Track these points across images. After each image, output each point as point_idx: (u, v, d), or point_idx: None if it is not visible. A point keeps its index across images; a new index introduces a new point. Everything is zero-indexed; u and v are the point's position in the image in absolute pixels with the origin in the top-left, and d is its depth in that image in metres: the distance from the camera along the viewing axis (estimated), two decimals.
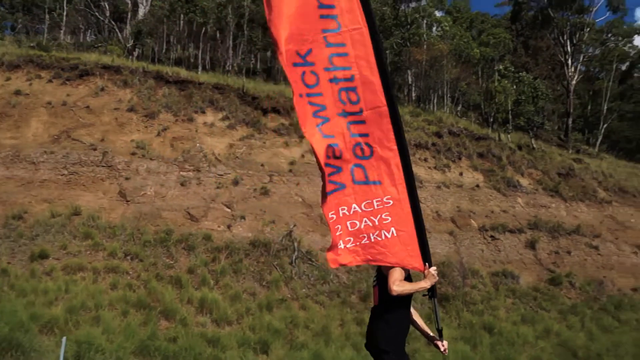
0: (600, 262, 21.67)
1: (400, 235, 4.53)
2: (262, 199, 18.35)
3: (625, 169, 30.86)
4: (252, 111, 21.99)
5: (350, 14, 4.42)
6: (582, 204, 24.63)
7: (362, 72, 4.44)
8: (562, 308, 18.08)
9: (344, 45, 4.42)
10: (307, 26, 4.38)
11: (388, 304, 4.48)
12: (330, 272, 16.04)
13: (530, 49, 39.63)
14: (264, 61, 36.36)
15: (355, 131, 4.49)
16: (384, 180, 4.55)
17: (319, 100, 4.45)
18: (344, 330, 13.72)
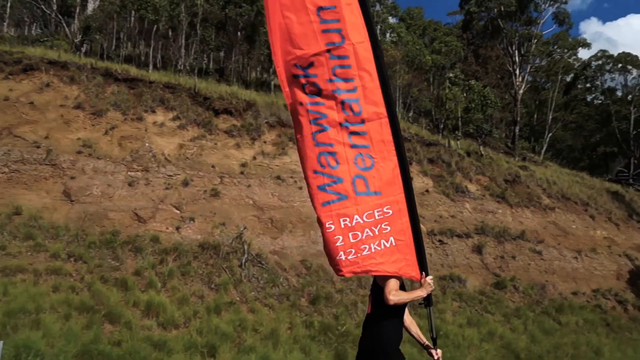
0: (543, 267, 22.32)
1: (398, 244, 4.65)
2: (212, 201, 18.13)
3: (568, 177, 31.92)
4: (203, 112, 21.72)
5: (354, 28, 4.53)
6: (527, 210, 25.33)
7: (364, 84, 4.55)
8: (506, 311, 18.52)
9: (347, 57, 4.52)
10: (309, 40, 4.50)
11: (382, 312, 4.60)
12: (280, 276, 15.98)
13: (480, 58, 40.57)
14: (216, 61, 36.03)
15: (357, 142, 4.57)
16: (384, 190, 4.62)
17: (320, 108, 4.54)
18: (292, 333, 13.67)
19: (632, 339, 20.14)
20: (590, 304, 21.45)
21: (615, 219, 28.52)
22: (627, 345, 19.34)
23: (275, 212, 18.69)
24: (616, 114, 45.18)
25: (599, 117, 48.44)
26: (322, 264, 17.20)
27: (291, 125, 22.35)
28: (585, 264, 23.77)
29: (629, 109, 44.63)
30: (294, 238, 18.12)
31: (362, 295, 16.59)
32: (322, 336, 13.76)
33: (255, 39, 31.90)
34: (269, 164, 20.56)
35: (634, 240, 27.76)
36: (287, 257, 17.16)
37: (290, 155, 21.25)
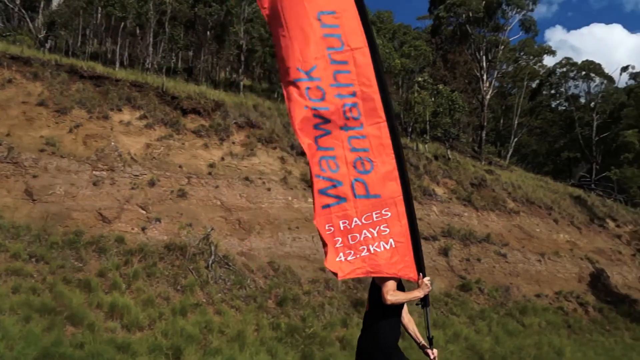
0: (507, 270, 22.67)
1: (397, 246, 4.72)
2: (179, 201, 17.91)
3: (532, 181, 32.51)
4: (171, 111, 21.46)
5: (353, 34, 4.63)
6: (492, 214, 25.70)
7: (363, 90, 4.64)
8: (472, 313, 18.74)
9: (346, 63, 4.62)
10: (311, 45, 4.56)
11: (380, 311, 4.69)
12: (247, 277, 15.87)
13: (449, 63, 41.02)
14: (185, 60, 35.70)
15: (356, 146, 4.66)
16: (383, 193, 4.71)
17: (324, 113, 4.59)
18: (259, 335, 13.58)
19: (592, 340, 20.59)
20: (552, 306, 21.86)
21: (578, 223, 29.15)
22: (588, 346, 19.76)
23: (243, 214, 18.57)
24: (579, 120, 46.21)
25: (563, 123, 49.49)
26: (289, 266, 17.16)
27: (260, 126, 22.27)
28: (548, 266, 24.22)
29: (591, 116, 45.71)
30: (262, 239, 18.03)
31: (329, 297, 16.60)
32: (289, 338, 13.70)
33: (225, 38, 31.69)
34: (238, 164, 20.42)
35: (595, 243, 28.41)
36: (255, 258, 17.06)
37: (259, 156, 21.16)
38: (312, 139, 4.60)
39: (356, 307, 16.57)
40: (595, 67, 45.26)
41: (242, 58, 30.83)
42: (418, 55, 37.11)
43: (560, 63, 46.31)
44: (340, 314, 15.94)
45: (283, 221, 18.95)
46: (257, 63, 35.87)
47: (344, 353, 14.06)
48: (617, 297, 25.09)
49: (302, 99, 4.55)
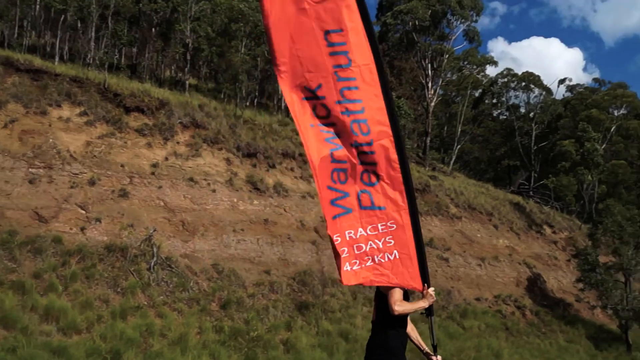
0: (449, 273, 23.10)
1: (402, 257, 4.81)
2: (120, 201, 17.39)
3: (474, 188, 33.29)
4: (113, 108, 20.82)
5: (359, 51, 4.71)
6: (435, 219, 26.15)
7: (371, 105, 4.73)
8: (414, 316, 18.85)
9: (354, 79, 4.70)
10: (317, 63, 4.64)
11: (386, 320, 4.83)
12: (190, 279, 15.55)
13: (395, 69, 41.54)
14: (129, 57, 34.78)
15: (365, 160, 4.76)
16: (388, 205, 4.81)
17: (332, 129, 4.73)
18: (202, 338, 13.32)
19: (529, 342, 21.24)
20: (491, 310, 22.42)
21: (517, 229, 30.03)
22: (525, 348, 20.37)
23: (187, 215, 18.21)
24: (519, 129, 47.66)
25: (504, 131, 50.95)
26: (234, 268, 16.93)
27: (205, 127, 21.88)
28: (488, 271, 24.82)
29: (530, 126, 47.21)
30: (206, 241, 17.72)
31: (273, 300, 16.47)
32: (232, 341, 13.51)
33: (171, 36, 31.05)
34: (182, 165, 20.02)
35: (533, 249, 29.35)
36: (198, 260, 16.74)
37: (204, 157, 20.81)
38: (328, 152, 4.72)
39: (301, 310, 16.51)
40: (535, 78, 46.81)
41: (188, 57, 30.26)
42: None
43: (502, 73, 47.64)
44: (285, 317, 15.84)
45: (228, 223, 18.69)
46: (204, 62, 35.26)
47: (288, 356, 13.97)
48: (553, 301, 25.98)
49: (309, 117, 4.69)
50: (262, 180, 21.28)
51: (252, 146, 22.66)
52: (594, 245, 27.37)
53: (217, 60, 32.34)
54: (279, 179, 22.17)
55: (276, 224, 20.02)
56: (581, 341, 23.11)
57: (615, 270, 25.77)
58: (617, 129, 46.22)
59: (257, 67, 31.37)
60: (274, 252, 18.84)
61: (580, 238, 32.49)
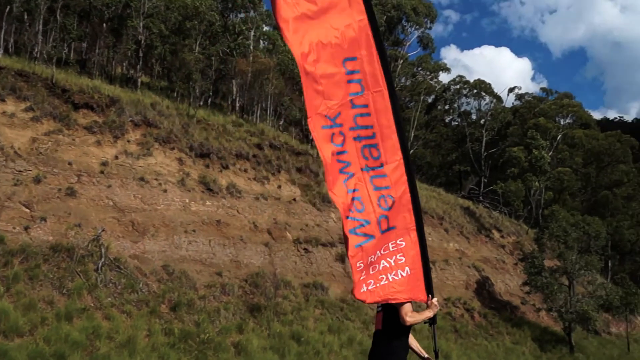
0: None
1: (412, 273, 5.04)
2: (67, 200, 16.83)
3: (426, 192, 33.73)
4: (61, 104, 20.16)
5: (372, 77, 4.89)
6: None
7: (382, 130, 4.93)
8: (366, 318, 19.04)
9: (366, 106, 4.88)
10: (337, 92, 4.79)
11: (393, 330, 5.08)
12: (140, 281, 15.17)
13: None
14: (78, 52, 33.84)
15: (378, 184, 4.96)
16: (398, 224, 5.04)
17: (345, 157, 4.88)
18: (150, 341, 12.99)
19: (477, 344, 21.63)
20: (441, 312, 22.70)
21: (466, 233, 30.59)
22: (473, 350, 20.73)
23: (137, 215, 17.78)
24: (470, 135, 48.68)
25: (456, 137, 51.95)
26: (185, 270, 16.63)
27: (157, 126, 21.50)
28: (438, 274, 25.16)
29: (481, 132, 48.29)
30: (156, 242, 17.34)
31: (225, 302, 16.25)
32: (182, 344, 13.23)
33: (123, 32, 30.34)
34: (132, 164, 19.54)
35: (482, 252, 29.95)
36: (148, 261, 16.36)
37: (156, 156, 20.40)
38: (342, 183, 4.86)
39: (252, 312, 16.34)
40: (486, 86, 47.90)
41: (141, 54, 29.64)
42: None
43: (454, 80, 48.60)
44: (236, 319, 15.64)
45: (179, 224, 18.35)
46: (157, 60, 34.57)
47: (239, 358, 13.80)
48: (500, 304, 26.57)
49: (328, 144, 4.82)
50: (215, 181, 21.01)
51: (205, 146, 22.35)
52: (540, 249, 28.15)
53: (170, 58, 31.84)
54: (232, 180, 21.93)
55: (229, 225, 19.79)
56: (527, 343, 23.69)
57: (559, 274, 26.57)
58: (563, 138, 47.73)
59: (211, 66, 31.02)
60: (226, 254, 18.61)
61: (527, 242, 33.39)
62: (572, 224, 28.98)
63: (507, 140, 47.55)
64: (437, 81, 48.49)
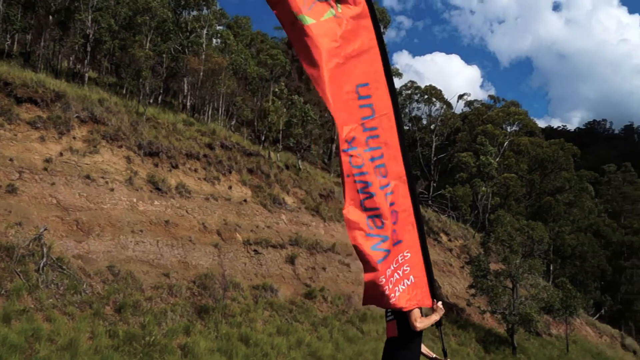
0: (350, 278, 23.41)
1: (416, 281, 5.37)
2: (7, 198, 16.18)
3: None
4: (2, 98, 19.37)
5: (381, 101, 5.19)
6: (338, 224, 26.45)
7: (389, 150, 5.24)
8: (315, 320, 19.04)
9: (376, 128, 5.15)
10: (351, 117, 5.03)
11: (408, 335, 5.38)
12: (83, 282, 14.70)
13: (304, 75, 41.77)
14: (22, 44, 32.68)
15: (390, 200, 5.21)
16: (404, 237, 5.33)
17: (365, 178, 5.03)
18: (93, 343, 12.60)
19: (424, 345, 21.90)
20: None
21: None
22: None
23: (82, 214, 17.26)
24: (420, 140, 49.48)
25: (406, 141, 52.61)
26: (131, 271, 16.22)
27: (105, 122, 20.97)
28: None
29: (431, 137, 49.14)
30: (102, 242, 16.87)
31: (172, 303, 15.93)
32: (127, 346, 12.88)
33: (70, 25, 29.45)
34: (78, 161, 18.97)
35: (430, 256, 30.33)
36: (93, 262, 15.89)
37: (103, 154, 19.86)
38: (358, 202, 5.00)
39: (200, 314, 16.09)
40: (437, 92, 48.79)
41: (89, 48, 28.84)
42: (274, 64, 37.37)
43: (406, 85, 49.33)
44: (183, 321, 15.36)
45: (126, 224, 17.92)
46: (105, 55, 33.70)
47: None
48: (447, 306, 26.99)
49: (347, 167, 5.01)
50: (164, 181, 20.62)
51: (154, 145, 21.91)
52: (485, 253, 28.78)
53: (119, 54, 31.12)
54: (182, 179, 21.58)
55: (177, 225, 19.45)
56: (471, 344, 24.17)
57: (504, 277, 27.23)
58: (510, 144, 49.03)
59: (162, 63, 30.47)
60: (174, 255, 18.27)
61: (474, 246, 34.10)
62: (517, 229, 29.78)
63: (456, 146, 48.55)
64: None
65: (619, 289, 60.46)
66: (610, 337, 42.24)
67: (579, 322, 37.51)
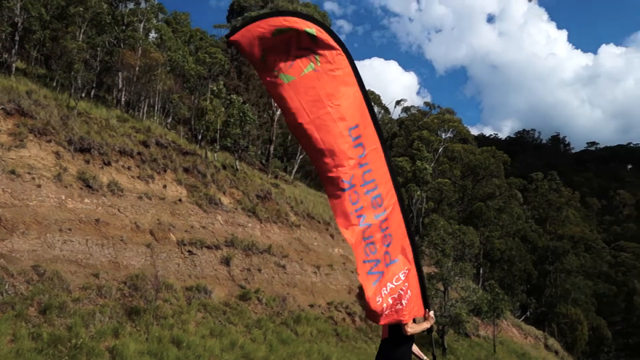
0: (285, 280, 23.35)
1: (413, 293, 5.90)
2: None
3: (314, 197, 34.14)
4: None
5: (370, 138, 5.62)
6: (275, 226, 26.34)
7: (381, 180, 5.67)
8: (249, 322, 18.87)
9: (368, 163, 5.59)
10: (346, 157, 5.42)
11: (399, 339, 5.98)
12: (5, 282, 13.99)
13: (243, 75, 41.49)
14: None
15: (384, 226, 5.67)
16: (399, 257, 5.83)
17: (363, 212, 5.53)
18: (15, 346, 11.99)
19: (357, 347, 22.11)
20: (324, 316, 23.03)
21: None
22: (353, 353, 21.14)
23: (6, 211, 16.42)
24: None
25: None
26: (57, 271, 15.56)
27: (33, 116, 20.10)
28: (322, 278, 25.50)
29: None
30: (27, 241, 16.10)
31: (100, 305, 15.40)
32: (52, 349, 12.35)
33: None
34: (2, 155, 18.04)
35: None
36: (16, 261, 15.14)
37: (30, 148, 18.99)
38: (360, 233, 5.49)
39: (130, 315, 15.62)
40: (375, 97, 49.44)
41: (17, 37, 27.57)
42: (213, 62, 36.86)
43: None
44: (113, 323, 14.87)
45: (54, 222, 17.18)
46: (35, 45, 32.25)
47: None
48: None
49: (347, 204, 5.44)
50: (95, 178, 19.92)
51: (85, 141, 21.13)
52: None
53: (50, 44, 29.87)
54: (114, 177, 20.91)
55: (108, 224, 18.82)
56: None
57: (436, 280, 27.88)
58: (444, 151, 50.28)
59: (96, 57, 29.49)
60: (104, 255, 17.67)
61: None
62: (450, 233, 30.55)
63: (393, 151, 49.34)
64: None
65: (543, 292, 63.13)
66: (535, 338, 44.01)
67: (505, 324, 38.85)
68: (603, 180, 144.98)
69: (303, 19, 5.20)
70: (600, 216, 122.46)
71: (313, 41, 5.21)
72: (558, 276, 63.11)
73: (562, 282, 63.22)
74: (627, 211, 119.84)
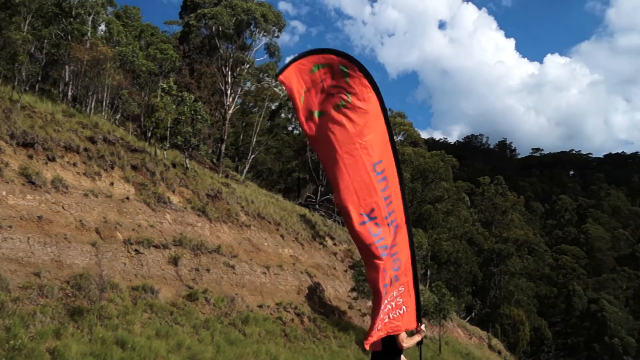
0: (234, 281, 23.18)
1: (407, 309, 6.24)
2: None
3: (265, 197, 34.03)
4: None
5: (391, 171, 5.89)
6: (225, 226, 26.12)
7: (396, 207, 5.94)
8: (196, 323, 18.64)
9: (390, 196, 5.86)
10: (370, 192, 5.66)
11: (392, 351, 6.45)
12: None
13: (195, 72, 41.02)
14: None
15: (394, 251, 5.94)
16: (400, 275, 6.07)
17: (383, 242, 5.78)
18: None
19: (305, 347, 22.15)
20: (272, 316, 22.97)
21: (301, 239, 31.29)
22: (301, 353, 21.18)
23: None
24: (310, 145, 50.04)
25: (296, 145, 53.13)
26: None
27: None
28: (272, 279, 25.44)
29: None
30: None
31: (42, 305, 14.93)
32: None
33: None
34: None
35: (315, 259, 30.82)
36: None
37: None
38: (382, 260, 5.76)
39: (73, 316, 15.20)
40: None
41: None
42: (164, 59, 36.27)
43: None
44: (54, 324, 14.44)
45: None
46: None
47: None
48: (329, 309, 27.51)
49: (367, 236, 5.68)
50: (39, 174, 19.30)
51: (29, 135, 20.45)
52: None
53: None
54: (59, 173, 20.30)
55: (52, 222, 18.26)
56: (351, 346, 24.74)
57: None
58: None
59: (42, 49, 28.60)
60: (46, 253, 17.13)
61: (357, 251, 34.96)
62: None
63: None
64: (281, 89, 49.25)
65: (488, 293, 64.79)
66: (479, 339, 45.11)
67: (451, 325, 39.65)
68: (546, 185, 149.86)
69: (338, 56, 5.46)
70: (543, 220, 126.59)
71: (345, 77, 5.45)
72: (502, 278, 64.92)
73: (506, 284, 65.07)
74: (568, 215, 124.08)
